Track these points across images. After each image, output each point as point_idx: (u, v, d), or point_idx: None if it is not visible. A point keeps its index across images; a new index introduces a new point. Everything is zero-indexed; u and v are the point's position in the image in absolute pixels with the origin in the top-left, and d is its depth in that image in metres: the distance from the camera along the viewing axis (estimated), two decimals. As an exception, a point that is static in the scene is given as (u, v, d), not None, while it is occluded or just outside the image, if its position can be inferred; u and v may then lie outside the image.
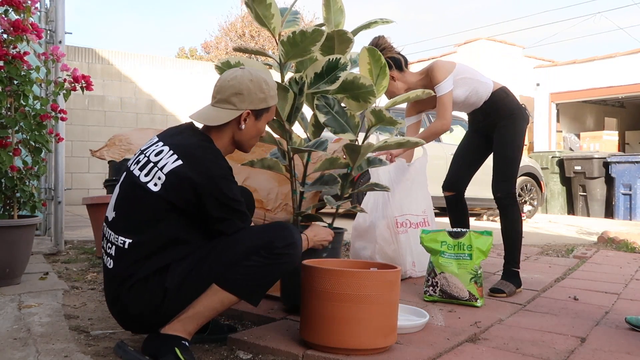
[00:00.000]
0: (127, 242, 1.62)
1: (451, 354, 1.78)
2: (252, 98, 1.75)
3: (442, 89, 2.73)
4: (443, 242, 2.48)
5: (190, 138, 1.73)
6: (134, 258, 1.62)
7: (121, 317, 1.70)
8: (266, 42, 19.42)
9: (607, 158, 8.73)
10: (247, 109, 1.75)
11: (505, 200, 2.77)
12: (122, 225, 1.65)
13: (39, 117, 2.71)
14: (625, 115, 13.93)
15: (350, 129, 2.17)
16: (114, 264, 1.64)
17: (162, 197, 1.61)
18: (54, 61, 2.93)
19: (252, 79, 1.75)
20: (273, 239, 1.66)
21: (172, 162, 1.63)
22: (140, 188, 1.64)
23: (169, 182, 1.62)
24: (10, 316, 2.08)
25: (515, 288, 2.72)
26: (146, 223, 1.63)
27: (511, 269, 2.78)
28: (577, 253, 4.35)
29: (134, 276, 1.61)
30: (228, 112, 1.74)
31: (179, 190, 1.61)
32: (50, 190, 3.79)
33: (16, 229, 2.55)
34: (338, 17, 2.24)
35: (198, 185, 1.61)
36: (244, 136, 1.80)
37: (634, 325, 2.14)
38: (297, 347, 1.74)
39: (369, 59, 2.15)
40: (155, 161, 1.66)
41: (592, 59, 11.46)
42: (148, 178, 1.65)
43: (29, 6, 2.71)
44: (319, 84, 2.12)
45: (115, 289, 1.65)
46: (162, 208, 1.62)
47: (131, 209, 1.66)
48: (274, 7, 2.04)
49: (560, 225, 7.36)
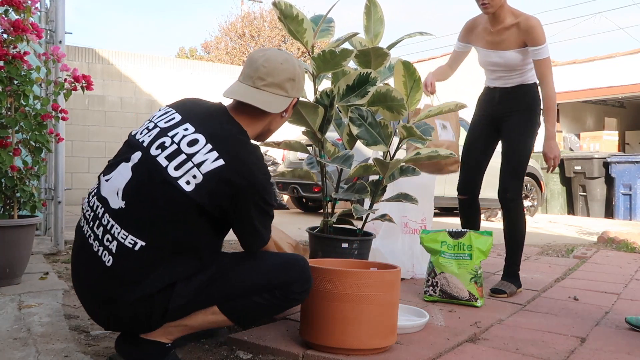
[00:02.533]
0: (140, 245, 1.40)
1: (451, 354, 1.78)
2: (300, 86, 1.64)
3: (544, 52, 2.59)
4: (443, 242, 2.48)
5: (226, 127, 1.51)
6: (142, 264, 1.42)
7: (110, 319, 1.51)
8: (266, 42, 19.41)
9: (607, 158, 8.72)
10: (296, 96, 1.64)
11: (512, 201, 2.71)
12: (134, 223, 1.41)
13: (39, 117, 2.71)
14: (625, 115, 13.93)
15: (382, 140, 2.25)
16: (114, 262, 1.41)
17: (193, 199, 1.41)
18: (54, 61, 2.93)
19: (300, 65, 1.65)
20: (292, 281, 1.54)
21: (212, 161, 1.42)
22: (168, 184, 1.41)
23: (206, 184, 1.41)
24: (10, 316, 2.08)
25: (515, 288, 2.72)
26: (164, 224, 1.42)
27: (512, 269, 2.77)
28: (577, 253, 4.35)
29: (138, 287, 1.42)
30: (282, 99, 1.58)
31: (216, 195, 1.42)
32: (50, 190, 3.78)
33: (16, 229, 2.55)
34: (378, 27, 2.32)
35: (240, 191, 1.43)
36: (278, 125, 1.66)
37: (634, 326, 2.14)
38: (297, 347, 1.74)
39: (403, 72, 2.22)
40: (189, 153, 1.43)
41: (592, 59, 11.47)
42: (179, 173, 1.42)
43: (29, 6, 2.71)
44: (350, 96, 2.21)
45: (113, 290, 1.43)
46: (188, 211, 1.42)
47: (149, 205, 1.42)
48: (305, 23, 2.14)
49: (561, 225, 7.36)
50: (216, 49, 20.83)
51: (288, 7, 2.10)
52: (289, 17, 2.10)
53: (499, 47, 2.69)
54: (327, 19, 2.29)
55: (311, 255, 2.25)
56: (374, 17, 2.30)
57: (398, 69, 2.23)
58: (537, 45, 2.58)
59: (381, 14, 2.30)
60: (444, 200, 6.85)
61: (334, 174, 2.47)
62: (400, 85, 2.25)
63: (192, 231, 1.46)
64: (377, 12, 2.30)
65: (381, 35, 2.31)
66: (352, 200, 2.52)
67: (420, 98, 2.28)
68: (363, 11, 2.31)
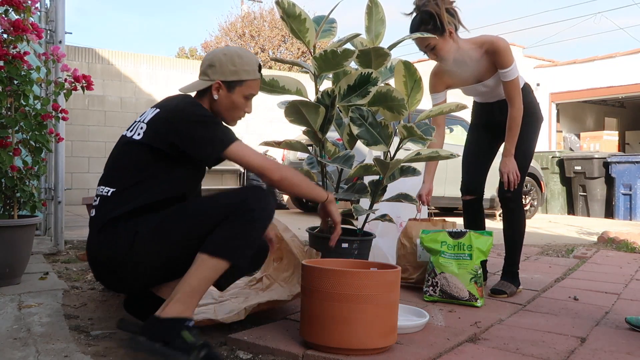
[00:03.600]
0: (111, 191, 1.71)
1: (451, 354, 1.78)
2: (223, 70, 1.85)
3: (512, 73, 2.56)
4: (443, 242, 2.48)
5: (176, 98, 1.84)
6: (115, 204, 1.69)
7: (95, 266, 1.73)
8: (266, 42, 19.41)
9: (607, 158, 8.72)
10: (218, 79, 1.85)
11: (513, 203, 2.72)
12: (109, 178, 1.75)
13: (39, 117, 2.71)
14: (626, 115, 13.94)
15: (382, 140, 2.24)
16: (95, 212, 1.72)
17: (144, 144, 1.72)
18: (54, 61, 2.93)
19: (226, 53, 1.88)
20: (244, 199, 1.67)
21: (152, 114, 1.79)
22: (127, 144, 1.76)
23: (149, 129, 1.74)
24: (10, 316, 2.07)
25: (515, 288, 2.72)
26: (130, 172, 1.72)
27: (512, 269, 2.77)
28: (577, 253, 4.35)
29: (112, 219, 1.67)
30: (201, 82, 1.88)
31: (158, 133, 1.72)
32: (50, 190, 3.78)
33: (16, 229, 2.55)
34: (379, 28, 2.32)
35: (172, 119, 1.72)
36: (219, 106, 1.88)
37: (634, 326, 2.14)
38: (297, 347, 1.74)
39: (404, 72, 2.22)
40: (140, 119, 1.81)
41: (592, 59, 11.47)
42: (132, 132, 1.78)
43: (29, 6, 2.71)
44: (351, 96, 2.22)
45: (94, 236, 1.71)
46: (145, 156, 1.72)
47: (117, 163, 1.77)
48: (308, 22, 2.13)
49: (561, 225, 7.36)
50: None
51: (291, 5, 2.09)
52: (291, 16, 2.10)
53: (479, 80, 2.68)
54: (329, 19, 2.29)
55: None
56: (375, 17, 2.29)
57: (399, 69, 2.23)
58: (504, 67, 2.56)
59: (382, 14, 2.30)
60: (443, 200, 6.85)
61: (334, 174, 2.47)
62: (400, 86, 2.25)
63: (146, 168, 1.73)
64: (379, 12, 2.29)
65: (382, 35, 2.31)
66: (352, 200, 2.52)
67: (420, 98, 2.27)
68: (365, 12, 2.31)
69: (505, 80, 2.59)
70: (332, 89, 2.20)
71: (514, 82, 2.58)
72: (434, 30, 2.48)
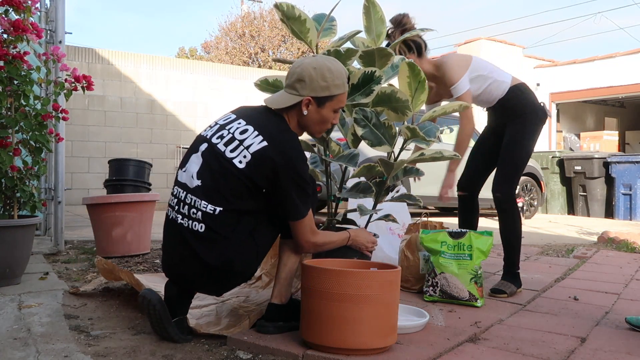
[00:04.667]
0: (218, 210, 1.76)
1: (451, 354, 1.78)
2: (313, 85, 1.84)
3: (458, 90, 2.65)
4: (443, 242, 2.48)
5: (270, 120, 1.86)
6: (228, 221, 1.78)
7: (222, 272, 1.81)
8: (266, 42, 19.40)
9: (607, 158, 8.72)
10: (309, 95, 1.85)
11: (504, 203, 2.73)
12: (210, 194, 1.77)
13: (39, 117, 2.71)
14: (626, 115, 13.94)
15: (386, 141, 2.26)
16: (205, 227, 1.77)
17: (245, 174, 1.76)
18: (54, 61, 2.93)
19: (316, 67, 1.85)
20: None
21: (257, 143, 1.78)
22: (228, 162, 1.78)
23: (253, 162, 1.77)
24: (10, 316, 2.08)
25: (516, 288, 2.72)
26: (232, 195, 1.77)
27: (512, 270, 2.77)
28: (577, 253, 4.35)
29: (233, 236, 1.78)
30: (290, 97, 1.87)
31: (262, 170, 1.77)
32: (50, 190, 3.79)
33: (16, 229, 2.55)
34: (379, 27, 2.32)
35: (279, 167, 1.76)
36: (307, 121, 1.90)
37: (634, 326, 2.14)
38: (297, 347, 1.74)
39: (408, 73, 2.22)
40: (240, 139, 1.80)
41: (592, 59, 11.47)
42: (234, 154, 1.79)
43: (29, 6, 2.71)
44: (355, 95, 2.22)
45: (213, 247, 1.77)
46: (244, 184, 1.77)
47: (218, 181, 1.78)
48: (309, 22, 2.14)
49: (561, 225, 7.36)
50: (216, 49, 20.82)
51: (290, 8, 2.10)
52: (291, 18, 2.11)
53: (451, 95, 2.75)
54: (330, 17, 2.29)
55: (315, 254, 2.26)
56: (374, 17, 2.29)
57: (403, 70, 2.22)
58: (451, 84, 2.66)
59: (381, 13, 2.30)
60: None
61: (336, 173, 2.47)
62: (405, 86, 2.24)
63: (252, 200, 1.80)
64: (377, 12, 2.29)
65: (383, 35, 2.31)
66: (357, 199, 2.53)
67: (425, 99, 2.27)
68: (362, 11, 2.31)
69: (455, 96, 2.67)
70: None
71: (464, 96, 2.65)
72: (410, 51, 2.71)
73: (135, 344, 1.83)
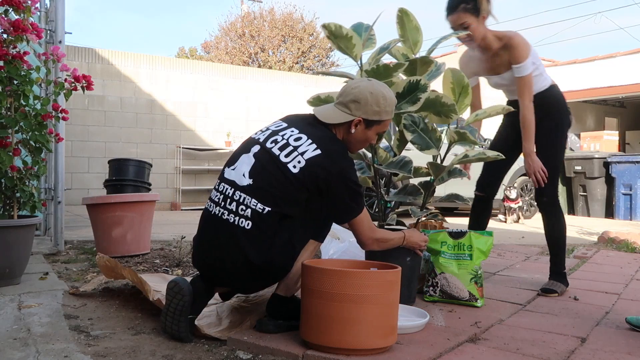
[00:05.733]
0: (267, 210, 1.82)
1: (451, 354, 1.78)
2: (367, 109, 1.95)
3: (523, 70, 2.63)
4: (443, 242, 2.48)
5: (322, 131, 1.96)
6: (272, 222, 1.84)
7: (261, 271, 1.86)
8: (266, 42, 19.40)
9: (607, 158, 8.72)
10: (360, 117, 1.96)
11: (550, 206, 2.74)
12: (260, 194, 1.84)
13: (39, 117, 2.71)
14: (626, 115, 13.94)
15: (433, 144, 2.36)
16: (252, 224, 1.82)
17: (299, 179, 1.84)
18: (54, 61, 2.93)
19: (372, 92, 1.96)
20: None
21: (312, 151, 1.86)
22: (282, 166, 1.85)
23: (307, 168, 1.84)
24: (10, 316, 2.07)
25: (565, 287, 2.76)
26: (281, 198, 1.84)
27: (559, 269, 2.80)
28: (577, 253, 4.34)
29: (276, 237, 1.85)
30: (342, 115, 1.96)
31: (314, 176, 1.84)
32: (50, 190, 3.78)
33: (16, 229, 2.55)
34: (415, 36, 2.41)
35: (331, 175, 1.85)
36: (352, 139, 2.01)
37: (634, 326, 2.14)
38: (297, 347, 1.74)
39: (452, 79, 2.36)
40: (295, 146, 1.88)
41: (593, 59, 11.47)
42: (288, 159, 1.86)
43: (29, 6, 2.71)
44: (401, 103, 2.30)
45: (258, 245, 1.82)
46: (296, 188, 1.84)
47: (270, 182, 1.85)
48: (355, 39, 2.24)
49: (561, 225, 7.33)
50: (216, 49, 20.82)
51: (338, 28, 2.20)
52: (339, 37, 2.22)
53: (496, 72, 2.76)
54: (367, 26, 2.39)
55: (369, 256, 2.33)
56: (408, 25, 2.38)
57: (446, 76, 2.35)
58: (516, 63, 2.64)
59: (415, 22, 2.40)
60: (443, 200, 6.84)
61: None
62: (448, 91, 2.36)
63: (298, 203, 1.87)
64: (411, 20, 2.39)
65: (420, 43, 2.43)
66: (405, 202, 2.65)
67: (469, 103, 2.38)
68: (396, 21, 2.41)
69: (516, 76, 2.64)
70: None
71: (525, 79, 2.62)
72: (473, 10, 2.60)
73: (135, 344, 1.83)
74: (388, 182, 2.59)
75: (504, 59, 2.69)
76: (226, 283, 1.96)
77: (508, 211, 7.36)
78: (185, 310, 1.84)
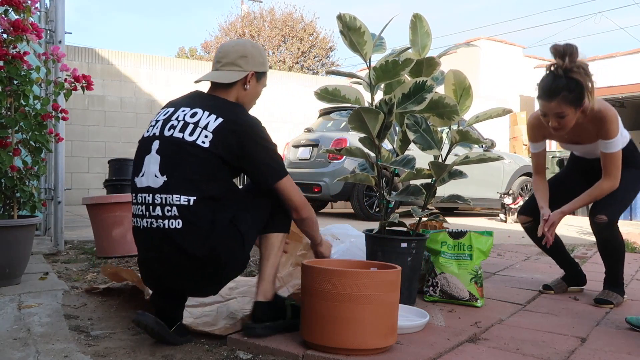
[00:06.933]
0: (193, 199, 1.73)
1: (451, 354, 1.78)
2: (255, 61, 1.94)
3: (614, 146, 2.42)
4: (443, 242, 2.48)
5: (214, 100, 1.89)
6: (203, 211, 1.74)
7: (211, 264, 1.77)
8: (266, 42, 19.40)
9: (607, 158, 8.70)
10: (252, 70, 1.93)
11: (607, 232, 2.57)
12: (180, 185, 1.73)
13: (39, 117, 2.71)
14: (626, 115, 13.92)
15: (435, 144, 2.36)
16: (183, 221, 1.72)
17: (212, 152, 1.75)
18: (54, 61, 2.93)
19: (253, 45, 1.98)
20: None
21: (213, 121, 1.78)
22: (190, 146, 1.75)
23: (215, 138, 1.75)
24: (10, 316, 2.07)
25: (622, 298, 2.62)
26: (201, 180, 1.74)
27: (615, 279, 2.66)
28: (577, 253, 4.35)
29: (214, 224, 1.75)
30: (236, 73, 1.91)
31: (225, 143, 1.76)
32: (50, 190, 3.78)
33: (16, 229, 2.55)
34: (425, 40, 2.41)
35: (241, 135, 1.78)
36: (247, 97, 1.96)
37: (634, 326, 2.14)
38: (297, 347, 1.74)
39: (453, 80, 2.38)
40: (194, 122, 1.79)
41: (592, 59, 11.46)
42: (194, 137, 1.76)
43: (29, 6, 2.71)
44: (407, 103, 2.30)
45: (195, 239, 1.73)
46: (213, 163, 1.76)
47: (185, 169, 1.74)
48: (367, 35, 2.21)
49: (560, 225, 7.30)
50: (216, 48, 20.80)
51: (352, 19, 2.16)
52: (352, 29, 2.17)
53: (580, 142, 2.57)
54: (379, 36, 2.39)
55: (370, 256, 2.35)
56: (420, 31, 2.39)
57: (449, 78, 2.37)
58: (607, 138, 2.42)
59: (427, 27, 2.40)
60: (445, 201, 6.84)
61: None
62: (450, 93, 2.37)
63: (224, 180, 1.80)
64: (423, 26, 2.39)
65: (428, 47, 2.42)
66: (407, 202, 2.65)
67: (470, 104, 2.39)
68: (409, 26, 2.41)
69: (604, 152, 2.45)
70: (390, 97, 2.28)
71: (615, 155, 2.44)
72: (574, 101, 2.34)
73: (135, 344, 1.83)
74: (389, 183, 2.59)
75: (591, 132, 2.46)
76: (187, 291, 1.88)
77: (508, 211, 7.36)
78: (162, 334, 1.78)
